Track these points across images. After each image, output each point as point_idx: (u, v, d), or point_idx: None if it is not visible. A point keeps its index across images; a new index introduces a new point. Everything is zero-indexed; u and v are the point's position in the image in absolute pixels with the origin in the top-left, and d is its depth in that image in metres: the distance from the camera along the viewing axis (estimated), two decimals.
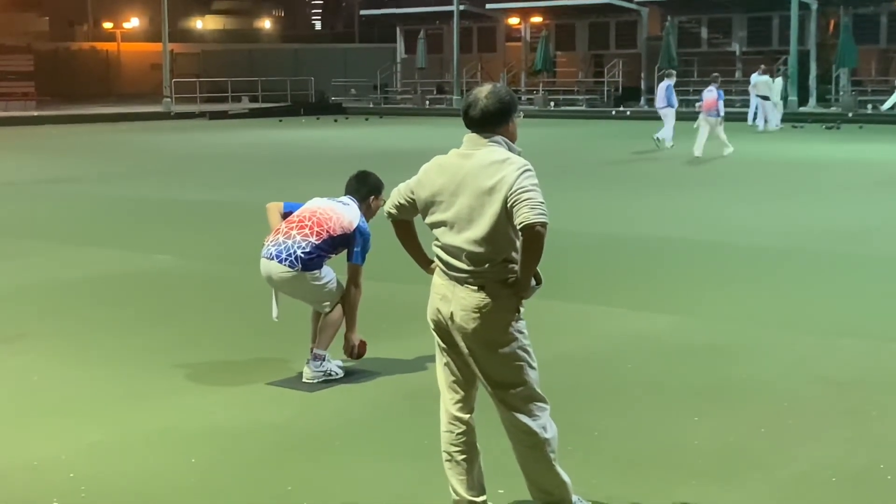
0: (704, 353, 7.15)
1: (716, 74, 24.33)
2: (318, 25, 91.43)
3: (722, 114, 22.17)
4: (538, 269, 4.13)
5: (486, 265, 4.11)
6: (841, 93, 36.31)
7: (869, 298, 8.86)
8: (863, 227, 12.64)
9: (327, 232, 6.35)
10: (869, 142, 25.78)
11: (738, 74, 39.28)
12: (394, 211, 4.41)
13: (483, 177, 4.11)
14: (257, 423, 5.75)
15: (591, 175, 19.15)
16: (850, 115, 33.39)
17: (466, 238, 4.13)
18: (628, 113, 38.29)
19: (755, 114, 30.83)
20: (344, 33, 75.18)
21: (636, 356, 7.06)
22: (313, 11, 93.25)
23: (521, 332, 4.20)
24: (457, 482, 4.32)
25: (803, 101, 36.26)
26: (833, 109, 35.13)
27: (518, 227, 4.01)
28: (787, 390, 6.29)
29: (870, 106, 34.54)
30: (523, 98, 42.54)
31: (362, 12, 59.65)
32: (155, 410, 5.99)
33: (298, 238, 6.37)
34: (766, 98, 29.91)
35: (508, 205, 4.03)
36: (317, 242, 6.34)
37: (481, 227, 4.09)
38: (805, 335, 7.62)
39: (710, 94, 22.41)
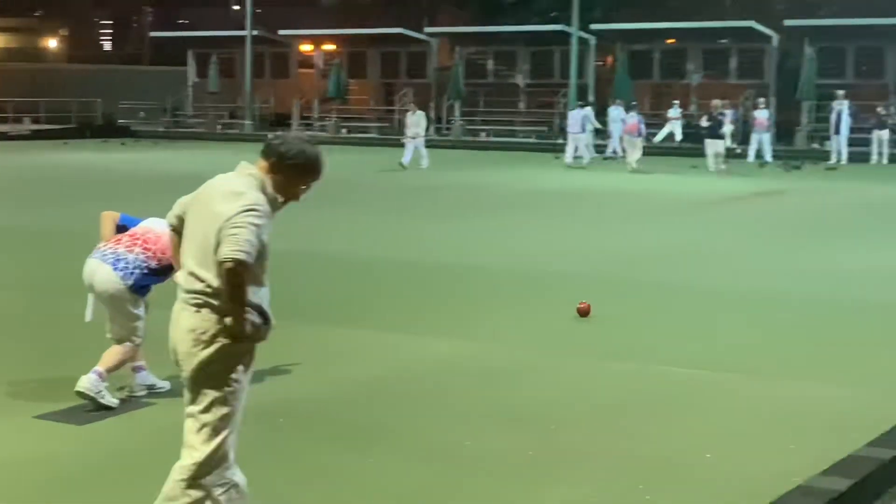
0: (485, 376, 7.43)
1: (635, 103, 31.35)
2: (107, 46, 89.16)
3: (643, 134, 28.13)
4: (268, 309, 4.24)
5: (204, 290, 4.20)
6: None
7: (638, 322, 9.32)
8: (638, 253, 13.30)
9: (163, 256, 6.24)
10: (649, 173, 27.19)
11: (521, 106, 40.88)
12: (174, 221, 4.54)
13: (216, 202, 4.22)
14: (24, 457, 5.68)
15: (383, 201, 19.54)
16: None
17: (191, 259, 4.26)
18: None
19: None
20: (134, 55, 73.59)
21: (425, 380, 7.30)
22: (102, 32, 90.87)
23: (232, 370, 4.23)
24: None
25: None
26: None
27: (217, 261, 4.10)
28: (558, 413, 6.59)
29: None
30: (316, 125, 42.93)
31: (152, 34, 58.79)
32: None
33: (142, 257, 6.35)
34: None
35: (220, 237, 4.12)
36: (155, 266, 6.32)
37: (202, 251, 4.21)
38: (581, 358, 8.00)
39: (633, 118, 28.24)
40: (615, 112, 33.29)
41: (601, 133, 33.35)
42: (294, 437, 6.11)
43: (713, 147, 27.02)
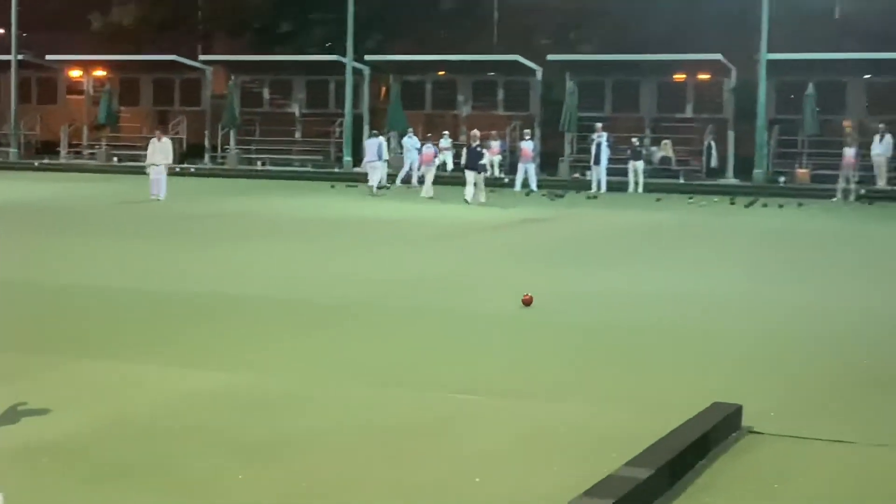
0: (258, 408, 7.38)
1: (430, 134, 33.33)
2: None
3: (446, 163, 31.12)
4: None
5: None
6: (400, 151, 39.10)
7: (406, 348, 9.52)
8: (407, 279, 13.64)
9: None
10: (421, 202, 28.04)
11: (297, 135, 41.26)
12: None
13: None
14: None
15: (150, 231, 19.08)
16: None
17: None
18: (192, 170, 38.88)
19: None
20: None
21: (189, 414, 7.18)
22: None
23: None
24: None
25: (358, 161, 38.68)
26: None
27: None
28: (335, 441, 6.64)
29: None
30: (85, 152, 42.01)
31: None
32: None
33: None
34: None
35: None
36: None
37: None
38: (352, 386, 8.05)
39: (429, 149, 30.96)
40: (409, 142, 34.39)
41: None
42: (58, 477, 5.95)
43: (473, 177, 27.54)
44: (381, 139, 32.08)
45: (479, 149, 27.98)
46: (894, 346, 10.19)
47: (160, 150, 27.09)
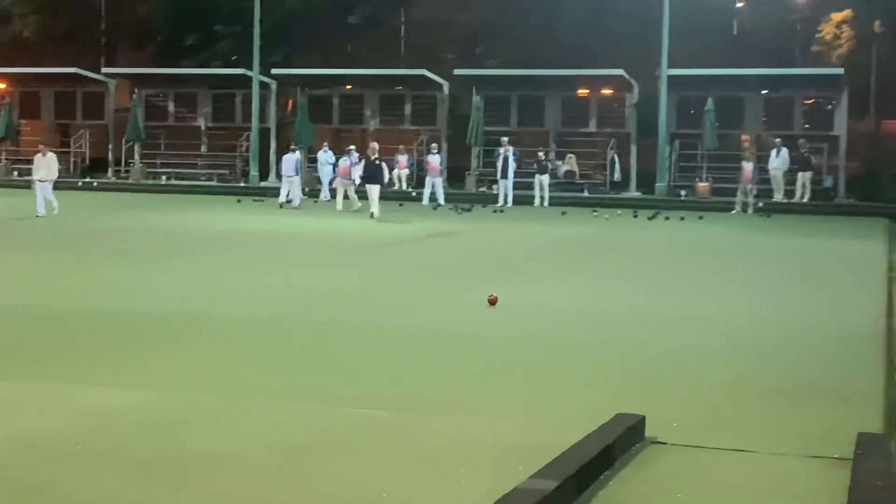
0: (162, 426, 7.31)
1: (351, 147, 31.45)
2: None
3: (355, 178, 28.82)
4: None
5: None
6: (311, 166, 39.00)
7: (313, 364, 9.53)
8: (312, 294, 13.62)
9: None
10: (327, 216, 27.97)
11: (203, 149, 40.93)
12: None
13: None
14: None
15: (47, 246, 18.90)
16: (307, 189, 36.01)
17: None
18: (95, 184, 38.30)
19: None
20: None
21: (91, 434, 7.07)
22: None
23: None
24: None
25: (264, 175, 38.56)
26: None
27: None
28: (240, 459, 6.61)
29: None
30: None
31: None
32: None
33: None
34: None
35: None
36: None
37: None
38: (260, 402, 8.03)
39: (345, 162, 29.77)
40: (324, 156, 34.38)
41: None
42: None
43: (373, 191, 27.40)
44: (298, 154, 32.52)
45: (377, 161, 27.99)
46: (791, 356, 10.53)
47: (45, 165, 26.31)
